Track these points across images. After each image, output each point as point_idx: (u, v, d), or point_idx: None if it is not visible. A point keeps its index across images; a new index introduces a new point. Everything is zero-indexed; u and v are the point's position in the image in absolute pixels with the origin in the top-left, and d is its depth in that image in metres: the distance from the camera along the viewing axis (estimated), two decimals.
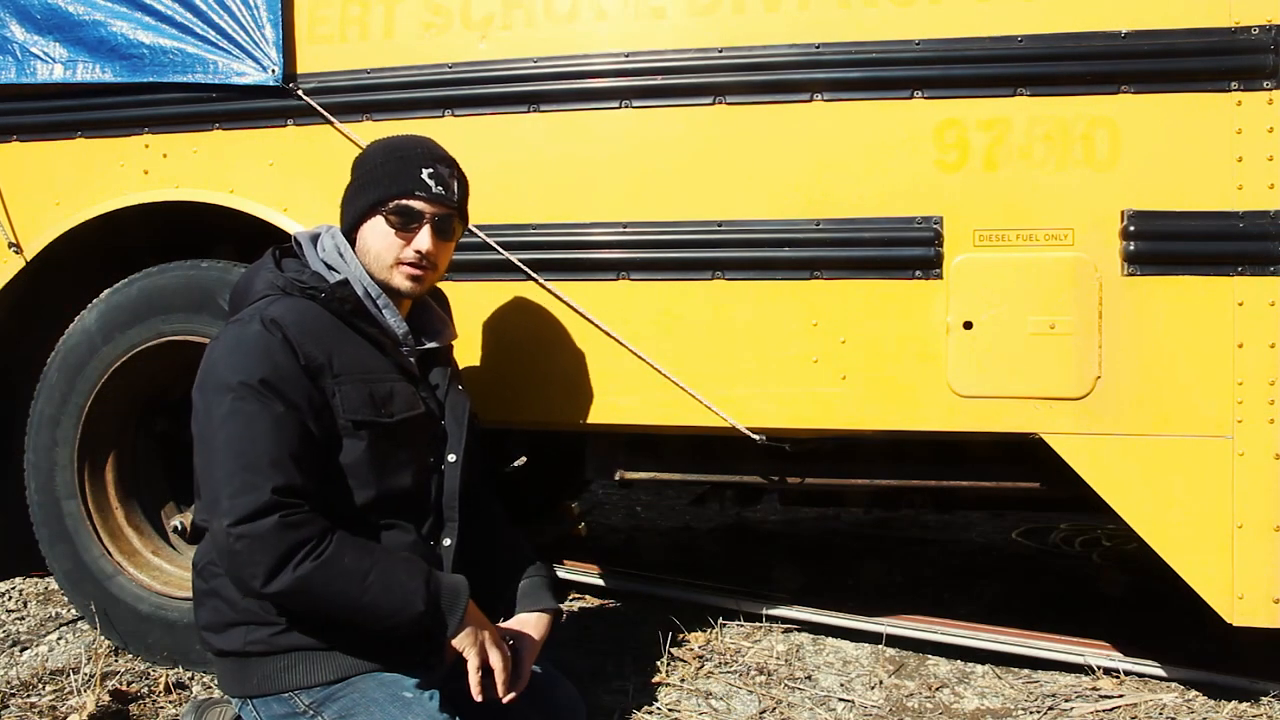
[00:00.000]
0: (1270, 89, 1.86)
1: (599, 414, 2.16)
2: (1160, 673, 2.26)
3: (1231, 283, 1.88)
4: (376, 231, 1.70)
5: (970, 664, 2.41)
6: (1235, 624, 1.90)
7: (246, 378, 1.51)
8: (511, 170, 2.14)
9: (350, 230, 1.75)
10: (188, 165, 2.34)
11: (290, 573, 1.44)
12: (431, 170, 1.71)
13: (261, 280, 1.68)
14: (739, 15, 2.05)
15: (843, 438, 2.19)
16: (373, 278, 1.71)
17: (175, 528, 2.50)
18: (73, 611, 2.69)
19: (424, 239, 1.69)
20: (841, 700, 2.20)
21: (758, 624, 2.62)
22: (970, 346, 1.97)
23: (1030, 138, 1.94)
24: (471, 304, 2.16)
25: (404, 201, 1.68)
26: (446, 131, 2.15)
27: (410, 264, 1.70)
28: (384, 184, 1.69)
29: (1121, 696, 2.19)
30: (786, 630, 2.60)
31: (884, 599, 2.81)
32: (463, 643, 1.55)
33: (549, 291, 2.15)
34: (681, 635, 2.52)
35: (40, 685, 2.26)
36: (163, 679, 2.25)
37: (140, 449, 2.54)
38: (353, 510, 1.61)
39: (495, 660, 1.58)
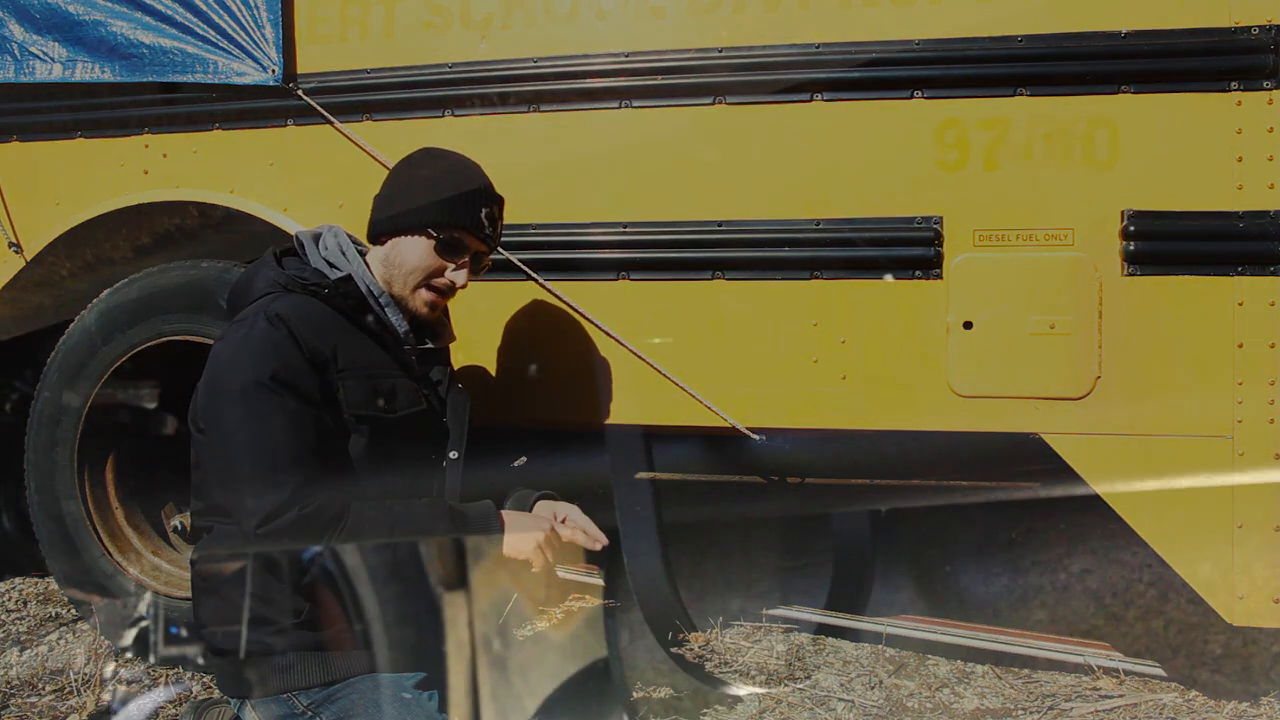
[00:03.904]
0: (1270, 89, 1.86)
1: (599, 414, 2.15)
2: (1160, 673, 2.26)
3: (1231, 283, 1.88)
4: (417, 248, 1.70)
5: (970, 664, 2.40)
6: (1235, 624, 1.90)
7: (257, 377, 1.51)
8: (511, 170, 2.12)
9: (380, 234, 1.73)
10: (188, 165, 2.34)
11: (326, 549, 1.50)
12: (489, 210, 1.73)
13: (262, 279, 1.68)
14: (739, 15, 2.05)
15: (843, 438, 2.19)
16: (388, 288, 1.71)
17: (175, 528, 2.50)
18: (73, 611, 2.69)
19: (463, 275, 1.72)
20: (841, 700, 2.20)
21: (758, 624, 2.62)
22: (970, 346, 1.97)
23: (1030, 138, 1.94)
24: (471, 304, 2.16)
25: (459, 235, 1.70)
26: (446, 131, 2.16)
27: (439, 291, 1.72)
28: (445, 210, 1.69)
29: (1121, 696, 2.19)
30: (786, 630, 2.60)
31: (884, 599, 2.81)
32: (518, 550, 1.56)
33: (549, 291, 2.15)
34: (682, 635, 2.52)
35: (40, 685, 2.26)
36: (163, 679, 2.25)
37: (140, 449, 2.54)
38: None
39: (568, 535, 1.64)
